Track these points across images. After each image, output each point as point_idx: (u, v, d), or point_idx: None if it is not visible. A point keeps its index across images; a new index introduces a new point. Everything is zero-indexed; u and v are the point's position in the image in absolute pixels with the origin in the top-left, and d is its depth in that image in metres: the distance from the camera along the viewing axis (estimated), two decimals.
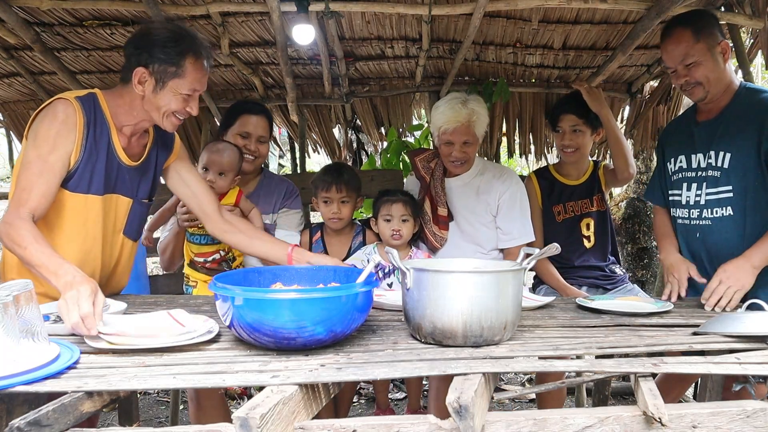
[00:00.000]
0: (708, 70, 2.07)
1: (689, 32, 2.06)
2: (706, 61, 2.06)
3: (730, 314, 1.58)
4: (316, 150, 4.24)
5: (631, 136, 4.01)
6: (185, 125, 3.94)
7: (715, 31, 2.08)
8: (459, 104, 2.53)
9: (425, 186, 2.69)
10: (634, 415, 1.15)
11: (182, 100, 1.87)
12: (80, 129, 1.80)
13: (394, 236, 2.46)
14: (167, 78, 1.83)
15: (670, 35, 2.12)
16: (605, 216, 2.89)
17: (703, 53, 2.06)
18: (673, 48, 2.10)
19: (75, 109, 1.80)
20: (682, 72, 2.10)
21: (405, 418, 1.11)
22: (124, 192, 1.99)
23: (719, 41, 2.07)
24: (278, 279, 1.69)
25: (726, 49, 2.08)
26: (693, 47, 2.05)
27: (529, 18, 3.01)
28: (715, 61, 2.07)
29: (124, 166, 1.96)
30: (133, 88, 1.85)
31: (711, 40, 2.06)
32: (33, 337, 1.24)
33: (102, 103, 1.88)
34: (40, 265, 1.57)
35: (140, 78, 1.83)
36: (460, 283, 1.44)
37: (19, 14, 2.75)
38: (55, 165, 1.77)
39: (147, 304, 2.00)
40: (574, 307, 1.95)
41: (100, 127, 1.86)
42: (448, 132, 2.53)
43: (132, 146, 1.99)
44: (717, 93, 2.11)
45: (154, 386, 1.20)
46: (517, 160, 7.58)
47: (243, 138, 2.53)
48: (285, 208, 2.62)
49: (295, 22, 2.75)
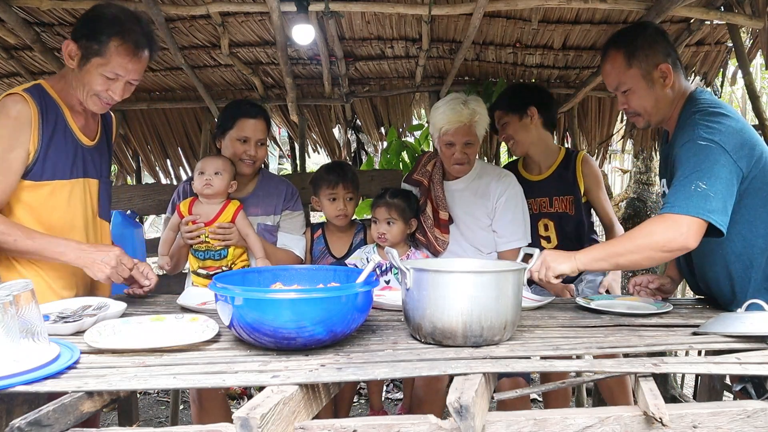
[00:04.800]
0: (642, 98, 1.88)
1: (621, 56, 1.87)
2: (639, 89, 1.87)
3: (730, 314, 1.57)
4: (316, 150, 4.24)
5: (631, 137, 4.02)
6: (185, 125, 3.94)
7: (655, 51, 1.85)
8: (460, 104, 2.50)
9: (425, 190, 2.68)
10: (634, 415, 1.15)
11: (104, 82, 1.86)
12: (35, 120, 1.82)
13: (379, 238, 2.47)
14: (90, 55, 1.83)
15: (605, 58, 1.94)
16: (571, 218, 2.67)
17: (636, 80, 1.86)
18: (606, 74, 1.95)
19: (26, 102, 1.82)
20: (621, 98, 1.95)
21: (405, 418, 1.11)
22: (92, 175, 2.04)
23: (659, 63, 1.84)
24: (278, 279, 1.69)
25: (666, 73, 1.85)
26: (625, 74, 1.87)
27: (529, 18, 3.01)
28: (651, 88, 1.86)
29: (84, 147, 1.99)
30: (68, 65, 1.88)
31: (646, 64, 1.85)
32: (33, 337, 1.23)
33: (49, 90, 1.90)
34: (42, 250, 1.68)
35: (69, 51, 1.85)
36: (460, 283, 1.44)
37: (19, 14, 2.75)
38: (14, 163, 1.80)
39: (147, 304, 2.00)
40: (574, 307, 1.95)
41: (54, 113, 1.89)
42: (449, 133, 2.51)
43: (89, 125, 2.03)
44: (663, 118, 1.93)
45: (154, 386, 1.20)
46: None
47: (242, 143, 2.47)
48: (288, 210, 2.60)
49: (295, 22, 2.75)
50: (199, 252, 2.36)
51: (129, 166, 4.16)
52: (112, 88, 1.88)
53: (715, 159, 1.69)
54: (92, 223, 2.05)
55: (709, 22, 2.92)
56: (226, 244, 2.34)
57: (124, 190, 3.50)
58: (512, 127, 2.69)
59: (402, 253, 2.49)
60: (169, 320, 1.61)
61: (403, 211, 2.49)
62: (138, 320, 1.60)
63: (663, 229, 1.69)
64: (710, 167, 1.68)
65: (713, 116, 1.75)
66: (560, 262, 1.79)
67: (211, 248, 2.35)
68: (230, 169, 2.38)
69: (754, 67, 4.20)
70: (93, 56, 1.83)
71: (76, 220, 1.97)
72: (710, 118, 1.75)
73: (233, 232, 2.33)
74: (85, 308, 1.68)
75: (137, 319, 1.61)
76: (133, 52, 1.86)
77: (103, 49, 1.82)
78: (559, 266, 1.78)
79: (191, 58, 3.32)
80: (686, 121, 1.81)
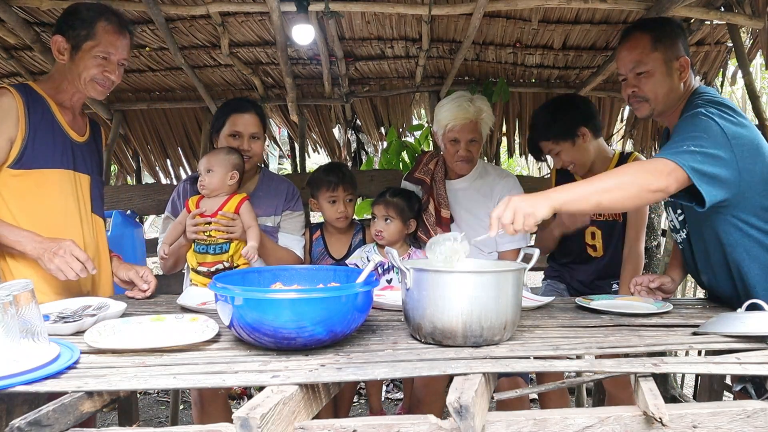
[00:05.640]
0: (658, 84, 1.89)
1: (648, 38, 1.89)
2: (658, 74, 1.88)
3: (730, 314, 1.57)
4: (316, 150, 4.24)
5: (631, 137, 4.02)
6: (185, 125, 3.94)
7: (677, 43, 1.90)
8: (466, 102, 2.51)
9: (428, 188, 2.68)
10: (634, 415, 1.15)
11: (99, 64, 1.96)
12: (21, 110, 1.90)
13: (377, 235, 2.49)
14: (81, 41, 1.94)
15: (627, 39, 1.95)
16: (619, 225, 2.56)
17: (658, 64, 1.88)
18: (626, 53, 1.94)
19: (10, 94, 1.89)
20: (632, 81, 1.94)
21: (405, 418, 1.11)
22: (82, 170, 2.09)
23: (679, 56, 1.89)
24: (278, 279, 1.69)
25: (685, 66, 1.89)
26: (648, 55, 1.88)
27: (529, 18, 3.01)
28: (669, 76, 1.88)
29: (75, 142, 2.06)
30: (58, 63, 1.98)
31: (670, 53, 1.88)
32: (33, 337, 1.23)
33: (36, 89, 1.98)
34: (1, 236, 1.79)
35: (59, 46, 1.96)
36: (460, 283, 1.44)
37: (19, 14, 2.75)
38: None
39: (147, 304, 2.00)
40: (574, 307, 1.95)
41: (41, 107, 1.96)
42: (455, 129, 2.51)
43: (77, 122, 2.10)
44: (665, 110, 1.93)
45: (154, 386, 1.20)
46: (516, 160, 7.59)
47: (234, 138, 2.46)
48: (288, 210, 2.59)
49: (295, 22, 2.75)
50: (201, 246, 2.35)
51: (129, 166, 4.16)
52: (108, 68, 1.98)
53: (712, 133, 1.68)
54: (87, 217, 2.08)
55: (709, 22, 2.92)
56: (230, 237, 2.30)
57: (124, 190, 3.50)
58: (568, 154, 2.52)
59: (403, 253, 2.50)
60: (169, 320, 1.61)
61: (401, 211, 2.49)
62: (138, 320, 1.60)
63: (649, 168, 1.64)
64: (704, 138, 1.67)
65: (718, 104, 1.76)
66: (536, 206, 1.56)
67: (213, 242, 2.32)
68: (224, 162, 2.33)
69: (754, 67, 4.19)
70: (83, 41, 1.94)
71: (69, 213, 2.00)
72: (715, 104, 1.76)
73: (237, 223, 2.30)
74: (85, 308, 1.68)
75: (137, 319, 1.61)
76: (119, 30, 1.99)
77: (92, 32, 1.95)
78: (538, 211, 1.56)
79: (191, 58, 3.32)
80: (689, 108, 1.82)
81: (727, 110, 1.74)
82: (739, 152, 1.69)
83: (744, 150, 1.70)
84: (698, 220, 1.88)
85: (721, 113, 1.72)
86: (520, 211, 1.55)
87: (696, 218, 1.89)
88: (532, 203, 1.56)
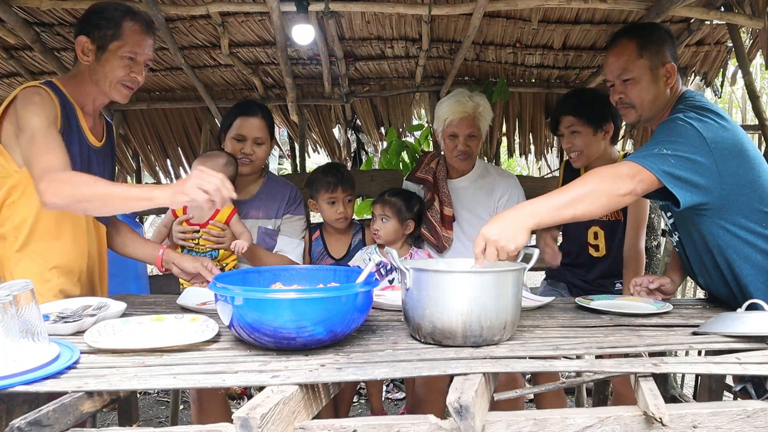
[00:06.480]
0: (644, 90, 1.90)
1: (633, 45, 1.90)
2: (644, 81, 1.90)
3: (730, 314, 1.57)
4: (316, 150, 4.24)
5: (631, 137, 4.02)
6: (185, 125, 3.94)
7: (664, 50, 1.90)
8: (465, 97, 2.57)
9: (431, 185, 2.69)
10: (634, 415, 1.15)
11: (125, 65, 1.91)
12: (58, 110, 1.84)
13: (374, 234, 2.52)
14: (107, 42, 1.88)
15: (614, 45, 1.97)
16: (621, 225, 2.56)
17: (643, 71, 1.89)
18: (613, 60, 1.95)
19: (48, 94, 1.83)
20: (619, 88, 1.95)
21: (405, 418, 1.11)
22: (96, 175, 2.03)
23: (666, 62, 1.89)
24: (278, 279, 1.69)
25: (671, 73, 1.89)
26: (634, 62, 1.89)
27: (529, 18, 3.01)
28: (655, 82, 1.89)
29: (93, 147, 2.01)
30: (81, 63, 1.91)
31: (656, 59, 1.89)
32: (33, 337, 1.23)
33: (62, 88, 1.92)
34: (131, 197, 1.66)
35: (83, 47, 1.89)
36: (459, 283, 1.44)
37: (19, 14, 2.75)
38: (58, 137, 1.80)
39: (147, 304, 2.00)
40: (574, 307, 1.95)
41: (69, 109, 1.91)
42: (453, 123, 2.54)
43: (97, 127, 2.06)
44: (651, 116, 1.94)
45: (154, 386, 1.20)
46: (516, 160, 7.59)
47: (238, 141, 2.47)
48: (288, 213, 2.59)
49: (295, 22, 2.75)
50: (188, 251, 2.35)
51: (129, 166, 4.16)
52: (135, 69, 1.93)
53: (688, 137, 1.67)
54: (91, 225, 2.05)
55: (709, 22, 2.92)
56: (218, 247, 2.33)
57: None
58: (583, 139, 2.51)
59: (404, 254, 2.50)
60: (169, 320, 1.61)
61: (398, 210, 2.50)
62: (138, 320, 1.60)
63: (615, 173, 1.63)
64: (680, 142, 1.66)
65: (699, 108, 1.75)
66: (515, 235, 1.51)
67: (201, 250, 2.33)
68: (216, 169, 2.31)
69: (754, 67, 4.20)
70: (110, 41, 1.88)
71: (78, 219, 1.97)
72: (696, 109, 1.75)
73: (226, 235, 2.32)
74: (85, 308, 1.68)
75: (137, 319, 1.61)
76: (145, 30, 1.94)
77: (119, 32, 1.89)
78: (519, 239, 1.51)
79: (191, 58, 3.32)
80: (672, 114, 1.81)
81: (708, 114, 1.73)
82: (719, 156, 1.68)
83: (725, 153, 1.69)
84: (686, 223, 1.87)
85: (701, 117, 1.72)
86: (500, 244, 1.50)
87: (684, 221, 1.89)
88: (508, 232, 1.51)
